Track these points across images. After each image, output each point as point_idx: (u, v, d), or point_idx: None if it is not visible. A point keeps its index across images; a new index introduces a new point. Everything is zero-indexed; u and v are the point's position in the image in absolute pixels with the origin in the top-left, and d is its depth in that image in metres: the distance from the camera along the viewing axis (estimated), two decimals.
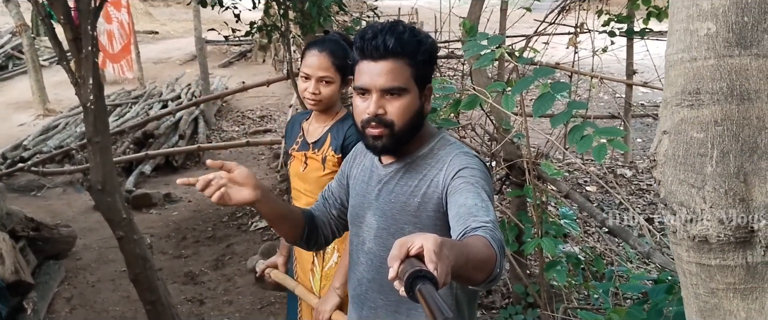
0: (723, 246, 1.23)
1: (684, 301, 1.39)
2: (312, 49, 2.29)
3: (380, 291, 1.70)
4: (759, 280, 1.23)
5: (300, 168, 2.42)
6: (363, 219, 1.72)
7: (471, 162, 1.57)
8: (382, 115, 1.56)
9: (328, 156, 2.34)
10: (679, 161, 1.27)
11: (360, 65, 1.57)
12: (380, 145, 1.59)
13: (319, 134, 2.40)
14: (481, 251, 1.24)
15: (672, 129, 1.29)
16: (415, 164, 1.64)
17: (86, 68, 3.14)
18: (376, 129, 1.57)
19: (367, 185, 1.73)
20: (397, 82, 1.55)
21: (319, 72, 2.27)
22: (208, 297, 4.38)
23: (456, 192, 1.50)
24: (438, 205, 1.58)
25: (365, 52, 1.55)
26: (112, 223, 3.31)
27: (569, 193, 3.09)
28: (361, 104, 1.58)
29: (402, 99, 1.56)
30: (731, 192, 1.20)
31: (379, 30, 1.55)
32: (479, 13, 3.60)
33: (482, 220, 1.37)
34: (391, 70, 1.54)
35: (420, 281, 1.01)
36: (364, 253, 1.73)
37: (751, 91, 1.19)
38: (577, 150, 2.22)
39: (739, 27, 1.19)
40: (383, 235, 1.66)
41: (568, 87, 2.33)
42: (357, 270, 1.76)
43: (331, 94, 2.32)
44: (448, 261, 1.09)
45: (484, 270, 1.25)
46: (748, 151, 1.20)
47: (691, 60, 1.24)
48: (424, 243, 1.07)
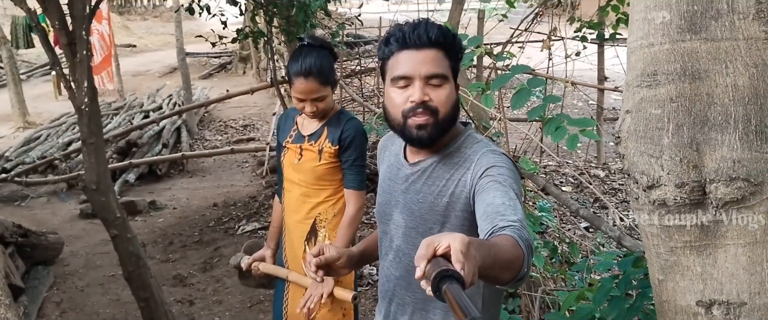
0: (679, 208, 1.39)
1: (647, 262, 1.56)
2: (298, 77, 2.37)
3: (408, 289, 1.70)
4: (711, 237, 1.40)
5: (294, 160, 2.55)
6: (390, 217, 1.72)
7: (499, 161, 1.56)
8: (428, 101, 1.55)
9: (325, 147, 2.48)
10: (640, 135, 1.43)
11: (398, 56, 1.57)
12: (425, 135, 1.56)
13: (314, 128, 2.53)
14: (508, 251, 1.24)
15: (633, 107, 1.46)
16: (442, 162, 1.63)
17: (81, 72, 3.24)
18: (422, 116, 1.55)
19: (393, 183, 1.73)
20: (441, 69, 1.56)
21: (311, 95, 2.39)
22: (197, 298, 4.47)
23: (484, 191, 1.50)
24: (466, 205, 1.57)
25: (408, 41, 1.55)
26: (106, 223, 3.41)
27: (546, 187, 3.25)
28: (402, 94, 1.57)
29: (444, 87, 1.57)
30: (686, 159, 1.37)
31: (418, 23, 1.58)
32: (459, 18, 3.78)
33: (510, 219, 1.36)
34: (434, 58, 1.56)
35: (447, 280, 1.01)
36: (392, 250, 1.73)
37: (701, 70, 1.36)
38: (552, 140, 2.39)
39: (689, 15, 1.36)
40: (412, 234, 1.66)
41: (543, 82, 2.50)
42: (385, 267, 1.77)
43: (327, 104, 2.46)
44: (475, 261, 1.09)
45: (512, 269, 1.24)
46: (699, 124, 1.36)
47: (649, 45, 1.41)
48: (451, 242, 1.07)
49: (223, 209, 6.28)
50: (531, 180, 3.49)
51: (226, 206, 6.36)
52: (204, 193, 6.87)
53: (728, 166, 1.34)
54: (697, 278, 1.42)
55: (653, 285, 1.54)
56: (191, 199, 6.71)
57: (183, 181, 7.37)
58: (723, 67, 1.34)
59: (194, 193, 6.90)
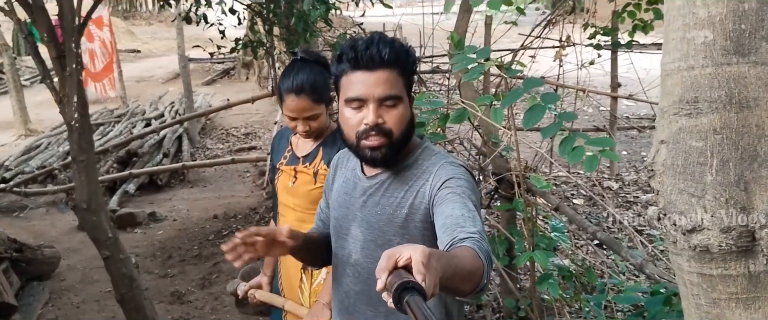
0: (724, 255, 1.22)
1: (684, 312, 1.38)
2: (289, 94, 2.22)
3: (368, 303, 1.68)
4: (762, 289, 1.22)
5: (289, 183, 2.38)
6: (348, 231, 1.70)
7: (457, 172, 1.57)
8: (381, 124, 1.54)
9: (320, 169, 2.30)
10: (678, 170, 1.26)
11: (351, 76, 1.55)
12: (380, 157, 1.57)
13: (309, 148, 2.36)
14: (468, 262, 1.25)
15: (670, 138, 1.28)
16: (400, 175, 1.63)
17: (70, 86, 3.10)
18: (376, 139, 1.55)
19: (350, 197, 1.71)
20: (394, 91, 1.55)
21: (303, 114, 2.23)
22: (195, 317, 4.31)
23: (443, 203, 1.50)
24: (425, 216, 1.57)
25: (360, 62, 1.53)
26: (97, 243, 3.26)
27: (560, 206, 3.08)
28: (355, 116, 1.56)
29: (398, 108, 1.56)
30: (732, 200, 1.19)
31: (370, 41, 1.54)
32: (466, 27, 3.60)
33: (469, 231, 1.36)
34: (387, 78, 1.54)
35: (408, 292, 1.01)
36: (350, 266, 1.70)
37: (749, 98, 1.19)
38: (568, 161, 2.21)
39: (736, 34, 1.18)
40: (370, 247, 1.64)
41: (558, 98, 2.33)
42: (344, 283, 1.74)
43: (322, 123, 2.30)
44: (436, 273, 1.09)
45: (472, 280, 1.25)
46: (748, 159, 1.19)
47: (689, 68, 1.24)
48: (412, 254, 1.07)
49: (224, 221, 6.13)
50: (543, 198, 3.31)
51: (227, 218, 6.20)
52: (204, 204, 6.72)
53: None
54: None
55: None
56: (191, 210, 6.56)
57: (183, 192, 7.22)
58: None
59: (195, 204, 6.75)
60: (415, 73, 1.64)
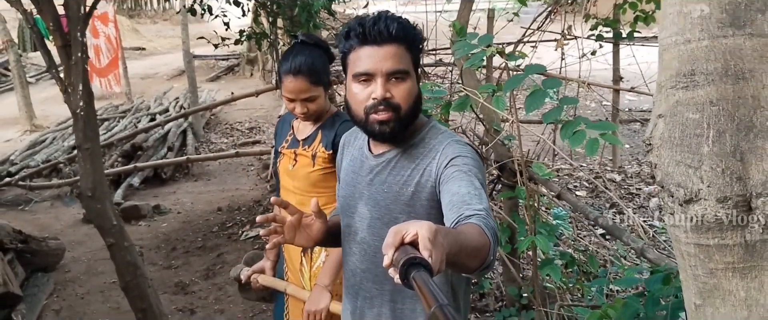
0: (721, 225, 1.23)
1: (683, 284, 1.39)
2: (287, 75, 2.25)
3: (375, 281, 1.69)
4: (758, 258, 1.24)
5: (289, 166, 2.42)
6: (355, 209, 1.71)
7: (463, 151, 1.57)
8: (390, 98, 1.55)
9: (318, 152, 2.34)
10: (676, 143, 1.27)
11: (359, 51, 1.56)
12: (388, 131, 1.58)
13: (309, 131, 2.40)
14: (474, 238, 1.25)
15: (667, 112, 1.30)
16: (407, 153, 1.64)
17: (76, 75, 3.12)
18: (384, 113, 1.56)
19: (357, 175, 1.72)
20: (403, 65, 1.56)
21: (300, 95, 2.26)
22: (199, 307, 4.34)
23: (449, 181, 1.51)
24: (431, 194, 1.58)
25: (368, 37, 1.54)
26: (102, 230, 3.28)
27: (562, 193, 3.09)
28: (363, 90, 1.57)
29: (406, 82, 1.57)
30: (728, 170, 1.21)
31: (378, 17, 1.55)
32: (468, 17, 3.62)
33: (475, 208, 1.37)
34: (395, 53, 1.55)
35: (415, 268, 1.01)
36: (356, 243, 1.72)
37: (745, 70, 1.20)
38: (570, 145, 2.23)
39: (732, 7, 1.20)
40: (377, 225, 1.65)
41: (559, 83, 2.34)
42: (350, 261, 1.76)
43: (320, 105, 2.32)
44: (443, 249, 1.09)
45: (478, 257, 1.25)
46: (743, 130, 1.20)
47: (685, 42, 1.25)
48: (418, 230, 1.07)
49: (228, 213, 6.16)
50: (545, 186, 3.33)
51: (231, 210, 6.23)
52: (208, 197, 6.75)
53: None
54: (740, 304, 1.26)
55: (689, 310, 1.38)
56: (196, 203, 6.59)
57: (188, 185, 7.25)
58: None
59: (199, 197, 6.78)
60: (423, 50, 1.66)
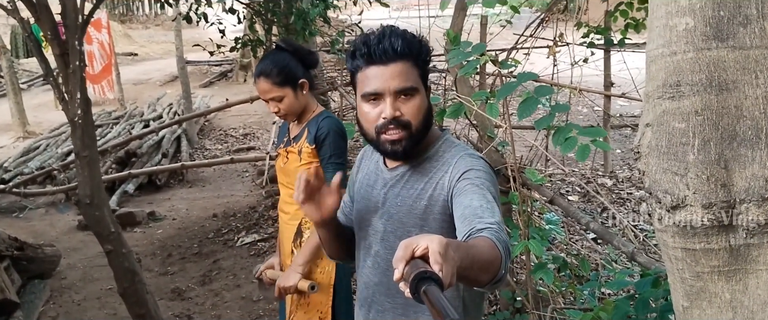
0: (707, 230, 1.28)
1: (671, 287, 1.44)
2: (255, 78, 2.49)
3: (387, 294, 1.69)
4: (742, 262, 1.29)
5: (282, 163, 2.63)
6: (369, 223, 1.71)
7: (476, 164, 1.57)
8: (399, 116, 1.55)
9: (303, 148, 2.52)
10: (663, 151, 1.33)
11: (366, 71, 1.56)
12: (401, 150, 1.57)
13: (298, 130, 2.59)
14: (486, 252, 1.25)
15: (654, 121, 1.35)
16: (420, 167, 1.64)
17: (74, 83, 3.15)
18: (395, 132, 1.55)
19: (372, 189, 1.73)
20: (410, 82, 1.55)
21: (266, 95, 2.47)
22: (195, 313, 4.36)
23: (461, 194, 1.50)
24: (444, 207, 1.58)
25: (374, 57, 1.54)
26: (100, 237, 3.31)
27: (554, 198, 3.15)
28: (373, 110, 1.57)
29: (415, 99, 1.56)
30: (713, 178, 1.26)
31: (382, 35, 1.55)
32: (462, 25, 3.67)
33: (487, 221, 1.37)
34: (402, 71, 1.54)
35: (425, 282, 1.00)
36: (370, 257, 1.72)
37: (728, 81, 1.25)
38: (561, 151, 2.28)
39: (715, 21, 1.25)
40: (390, 239, 1.65)
41: (552, 91, 2.39)
42: (363, 274, 1.76)
43: (290, 104, 2.49)
44: (454, 263, 1.09)
45: (490, 271, 1.25)
46: (727, 139, 1.25)
47: (671, 54, 1.31)
48: (429, 244, 1.06)
49: (223, 220, 6.18)
50: (538, 191, 3.38)
51: (226, 217, 6.26)
52: (204, 203, 6.77)
53: (760, 185, 1.23)
54: (726, 306, 1.31)
55: (677, 312, 1.43)
56: (191, 210, 6.61)
57: (183, 191, 7.27)
58: (752, 77, 1.24)
59: (194, 204, 6.80)
60: (430, 63, 1.65)
